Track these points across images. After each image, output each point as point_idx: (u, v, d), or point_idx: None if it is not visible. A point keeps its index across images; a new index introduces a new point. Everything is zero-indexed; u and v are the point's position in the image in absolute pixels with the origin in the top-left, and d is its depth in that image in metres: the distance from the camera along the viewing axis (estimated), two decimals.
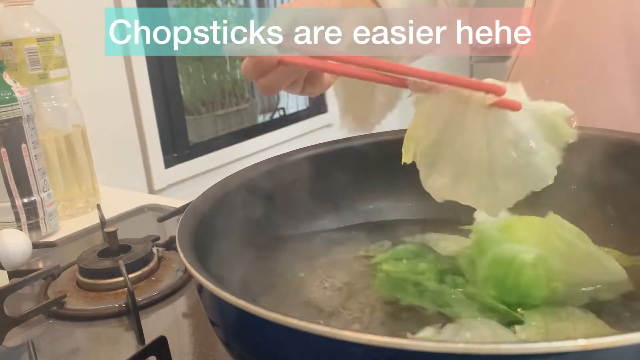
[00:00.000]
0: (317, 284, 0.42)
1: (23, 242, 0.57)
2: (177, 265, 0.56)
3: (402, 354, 0.21)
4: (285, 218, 0.48)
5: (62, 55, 0.76)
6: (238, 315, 0.27)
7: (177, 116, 1.59)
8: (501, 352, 0.20)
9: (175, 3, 1.76)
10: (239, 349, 0.31)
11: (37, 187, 0.69)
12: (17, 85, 0.67)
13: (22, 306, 0.52)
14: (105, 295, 0.52)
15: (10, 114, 0.66)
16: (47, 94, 0.76)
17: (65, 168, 0.78)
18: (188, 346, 0.43)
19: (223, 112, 1.91)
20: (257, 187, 0.46)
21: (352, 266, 0.45)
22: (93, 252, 0.56)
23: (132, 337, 0.45)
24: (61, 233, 0.72)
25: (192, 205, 0.40)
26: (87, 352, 0.44)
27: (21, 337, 0.46)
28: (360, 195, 0.52)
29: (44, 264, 0.63)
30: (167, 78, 1.54)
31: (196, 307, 0.49)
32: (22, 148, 0.67)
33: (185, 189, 1.53)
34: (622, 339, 0.20)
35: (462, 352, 0.20)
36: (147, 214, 0.76)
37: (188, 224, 0.37)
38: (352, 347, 0.22)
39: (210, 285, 0.27)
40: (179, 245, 0.33)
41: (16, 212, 0.68)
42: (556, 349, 0.20)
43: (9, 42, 0.73)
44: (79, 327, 0.48)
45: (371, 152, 0.52)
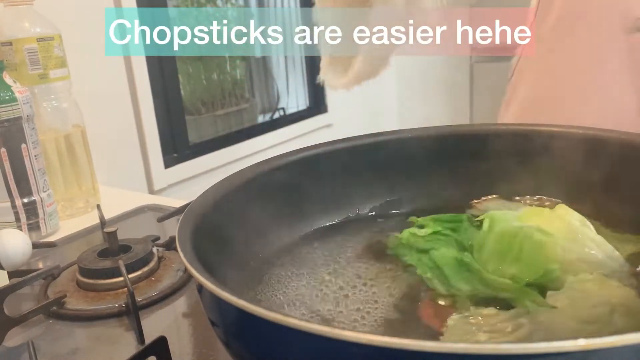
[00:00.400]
0: (318, 283, 0.42)
1: (23, 242, 0.57)
2: (177, 265, 0.56)
3: (402, 354, 0.21)
4: (285, 217, 0.48)
5: (62, 55, 0.76)
6: (238, 315, 0.27)
7: (177, 116, 1.59)
8: (500, 352, 0.20)
9: (175, 3, 1.76)
10: (239, 349, 0.31)
11: (37, 187, 0.69)
12: (17, 85, 0.67)
13: (22, 306, 0.52)
14: (105, 295, 0.52)
15: (10, 114, 0.66)
16: (47, 94, 0.76)
17: (65, 168, 0.78)
18: (188, 346, 0.43)
19: (223, 112, 1.91)
20: (257, 187, 0.46)
21: (354, 266, 0.45)
22: (93, 252, 0.56)
23: (132, 337, 0.45)
24: (61, 233, 0.72)
25: (192, 205, 0.40)
26: (87, 352, 0.44)
27: (21, 337, 0.46)
28: (361, 196, 0.52)
29: (44, 264, 0.63)
30: (167, 78, 1.54)
31: (196, 307, 0.49)
32: (22, 148, 0.67)
33: (185, 189, 1.53)
34: (622, 339, 0.20)
35: (462, 352, 0.20)
36: (147, 214, 0.76)
37: (188, 224, 0.37)
38: (352, 347, 0.22)
39: (210, 285, 0.27)
40: (179, 245, 0.33)
41: (16, 212, 0.68)
42: (556, 349, 0.20)
43: (9, 42, 0.73)
44: (79, 327, 0.48)
45: (372, 152, 0.52)
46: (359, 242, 0.48)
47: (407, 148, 0.52)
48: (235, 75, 2.00)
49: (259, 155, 1.43)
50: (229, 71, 1.98)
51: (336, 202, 0.52)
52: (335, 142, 0.52)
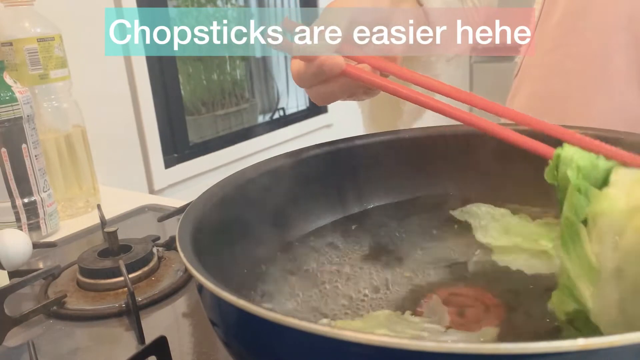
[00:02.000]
0: (318, 283, 0.42)
1: (23, 242, 0.57)
2: (177, 265, 0.56)
3: (402, 354, 0.21)
4: (285, 218, 0.48)
5: (62, 56, 0.76)
6: (238, 315, 0.27)
7: (177, 116, 1.59)
8: (500, 352, 0.20)
9: (175, 3, 1.76)
10: (239, 349, 0.31)
11: (37, 187, 0.69)
12: (17, 86, 0.67)
13: (22, 306, 0.52)
14: (106, 295, 0.52)
15: (11, 114, 0.66)
16: (47, 94, 0.76)
17: (66, 168, 0.78)
18: (188, 346, 0.43)
19: (223, 112, 1.91)
20: (257, 187, 0.46)
21: (354, 266, 0.45)
22: (93, 252, 0.56)
23: (132, 337, 0.45)
24: (61, 233, 0.72)
25: (192, 205, 0.40)
26: (87, 352, 0.44)
27: (21, 337, 0.46)
28: (361, 196, 0.52)
29: (44, 264, 0.63)
30: (167, 78, 1.54)
31: (196, 307, 0.49)
32: (23, 148, 0.67)
33: (185, 189, 1.53)
34: (621, 339, 0.20)
35: (462, 352, 0.21)
36: (147, 214, 0.76)
37: (188, 224, 0.37)
38: (352, 347, 0.22)
39: (210, 285, 0.27)
40: (179, 245, 0.33)
41: (16, 212, 0.68)
42: (555, 349, 0.20)
43: (9, 42, 0.73)
44: (79, 327, 0.48)
45: (372, 152, 0.52)
46: (360, 242, 0.48)
47: (408, 148, 0.52)
48: (235, 76, 1.99)
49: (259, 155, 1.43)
50: (229, 71, 1.98)
51: (336, 202, 0.52)
52: (335, 142, 0.52)
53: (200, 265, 0.30)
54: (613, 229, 0.28)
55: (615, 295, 0.28)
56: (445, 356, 0.21)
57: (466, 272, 0.41)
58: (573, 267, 0.30)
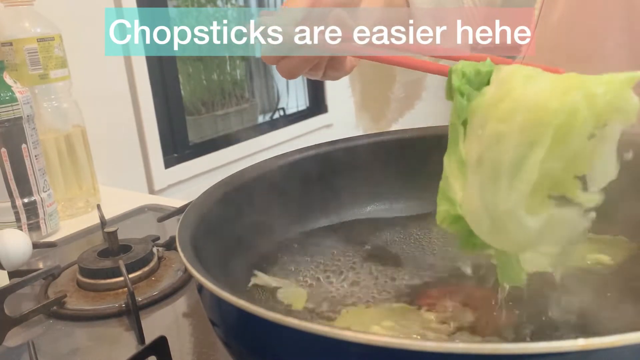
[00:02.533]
0: (318, 283, 0.42)
1: (23, 242, 0.57)
2: (177, 265, 0.56)
3: (402, 354, 0.21)
4: (285, 218, 0.48)
5: (62, 56, 0.76)
6: (238, 315, 0.27)
7: (177, 116, 1.59)
8: (500, 352, 0.20)
9: (175, 3, 1.76)
10: (239, 349, 0.31)
11: (37, 187, 0.69)
12: (17, 86, 0.67)
13: (22, 306, 0.52)
14: (106, 295, 0.52)
15: (11, 114, 0.66)
16: (47, 94, 0.76)
17: (66, 168, 0.78)
18: (188, 346, 0.43)
19: (223, 112, 1.91)
20: (257, 187, 0.46)
21: (355, 266, 0.45)
22: (93, 252, 0.56)
23: (132, 337, 0.45)
24: (61, 233, 0.72)
25: (192, 205, 0.40)
26: (87, 352, 0.44)
27: (21, 337, 0.46)
28: (361, 196, 0.52)
29: (44, 264, 0.63)
30: (167, 78, 1.54)
31: (196, 307, 0.49)
32: (23, 148, 0.67)
33: (185, 189, 1.53)
34: (621, 339, 0.20)
35: (462, 352, 0.21)
36: (147, 214, 0.76)
37: (188, 224, 0.37)
38: (352, 347, 0.22)
39: (210, 285, 0.27)
40: (179, 245, 0.33)
41: (16, 212, 0.68)
42: (555, 349, 0.20)
43: (9, 42, 0.73)
44: (79, 327, 0.48)
45: (372, 152, 0.52)
46: (360, 242, 0.48)
47: (408, 148, 0.52)
48: (235, 76, 1.99)
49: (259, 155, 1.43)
50: (229, 71, 1.98)
51: (336, 202, 0.52)
52: (335, 142, 0.52)
53: (200, 265, 0.30)
54: (479, 122, 0.30)
55: (476, 183, 0.29)
56: (445, 356, 0.21)
57: (467, 272, 0.41)
58: (451, 168, 0.31)
